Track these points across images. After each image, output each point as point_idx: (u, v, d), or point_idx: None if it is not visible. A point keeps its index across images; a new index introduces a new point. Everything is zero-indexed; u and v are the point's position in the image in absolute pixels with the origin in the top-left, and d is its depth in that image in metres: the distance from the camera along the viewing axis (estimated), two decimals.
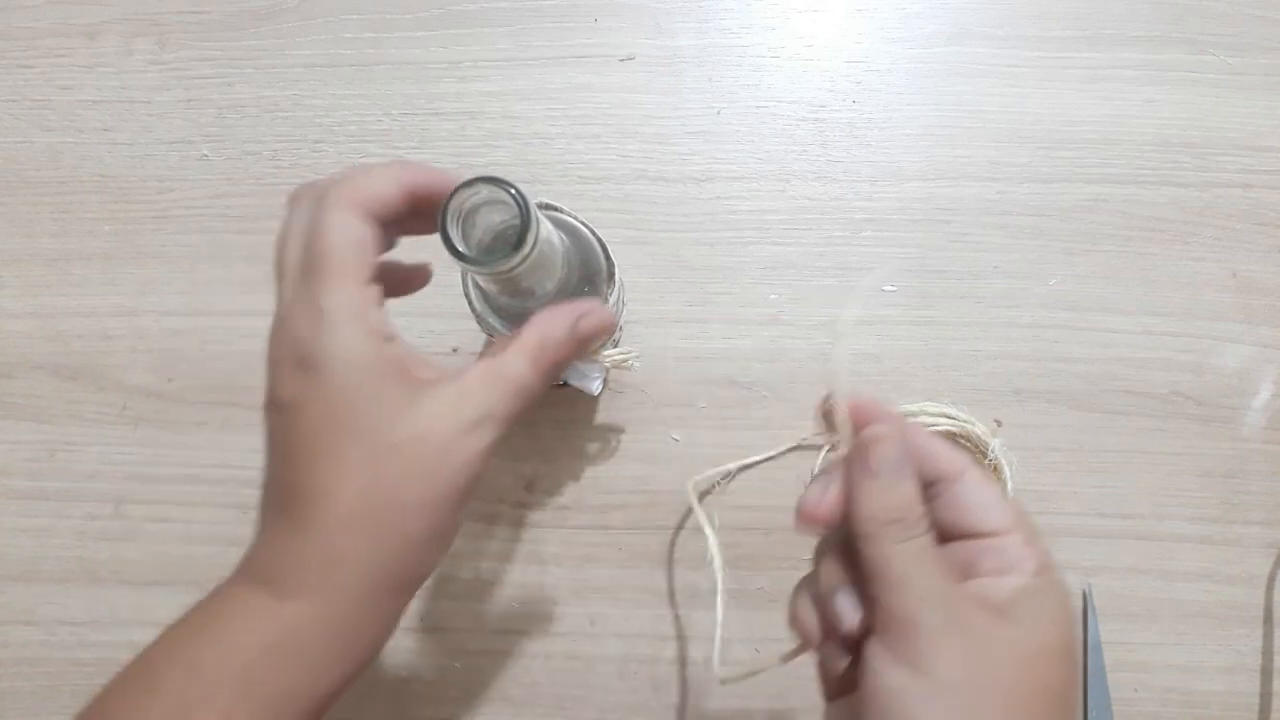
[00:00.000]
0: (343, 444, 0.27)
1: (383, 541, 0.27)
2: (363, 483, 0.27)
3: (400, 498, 0.27)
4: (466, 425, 0.27)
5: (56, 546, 0.47)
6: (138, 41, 0.50)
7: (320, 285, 0.27)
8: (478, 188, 0.28)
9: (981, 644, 0.26)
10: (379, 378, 0.27)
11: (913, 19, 0.49)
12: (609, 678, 0.46)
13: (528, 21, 0.49)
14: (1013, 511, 0.28)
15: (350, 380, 0.27)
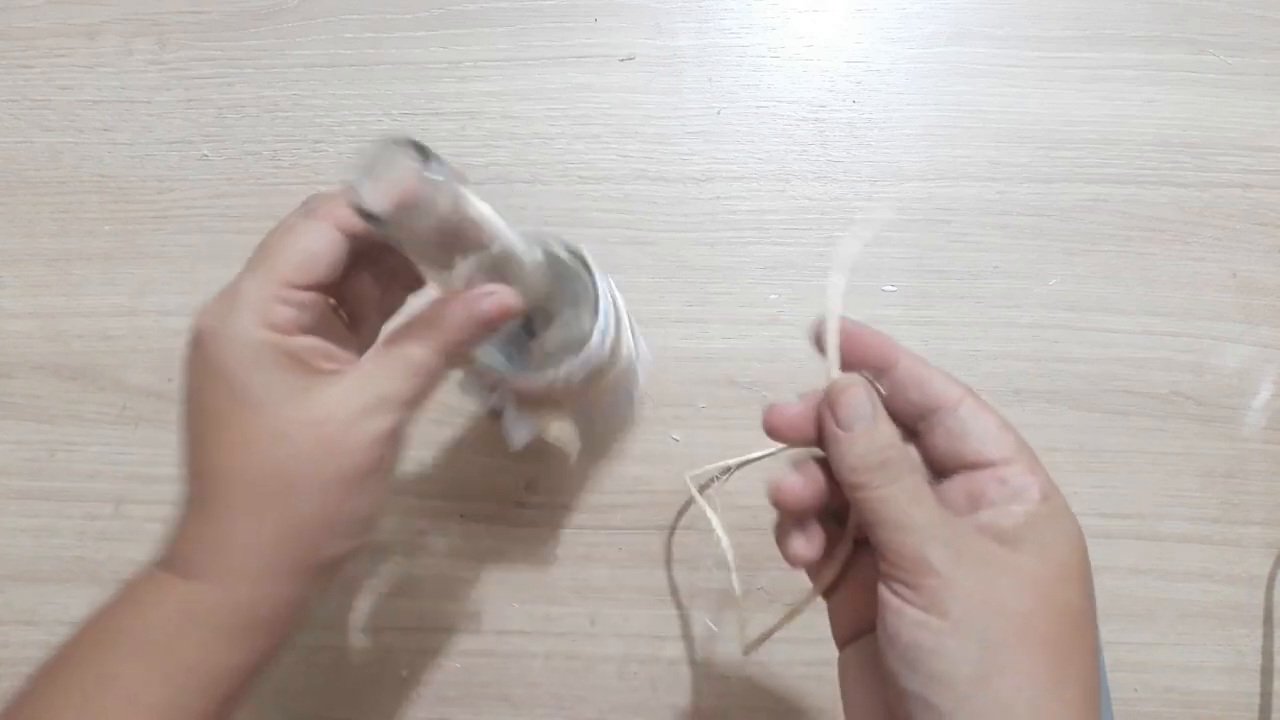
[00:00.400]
0: (234, 426, 0.27)
1: (275, 523, 0.27)
2: (254, 465, 0.27)
3: (292, 480, 0.27)
4: (362, 408, 0.28)
5: (56, 546, 0.47)
6: (138, 41, 0.50)
7: (245, 275, 0.29)
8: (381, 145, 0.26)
9: (993, 575, 0.25)
10: (270, 365, 0.28)
11: (913, 19, 0.49)
12: (609, 678, 0.46)
13: (528, 21, 0.49)
14: (1013, 439, 0.28)
15: (238, 363, 0.27)
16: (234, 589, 0.27)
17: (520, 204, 0.48)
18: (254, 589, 0.28)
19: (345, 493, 0.28)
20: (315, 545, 0.28)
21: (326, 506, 0.28)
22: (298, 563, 0.28)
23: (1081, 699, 0.25)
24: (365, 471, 0.28)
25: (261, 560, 0.28)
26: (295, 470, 0.28)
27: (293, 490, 0.28)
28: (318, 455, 0.28)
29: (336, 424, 0.28)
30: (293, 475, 0.28)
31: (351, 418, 0.28)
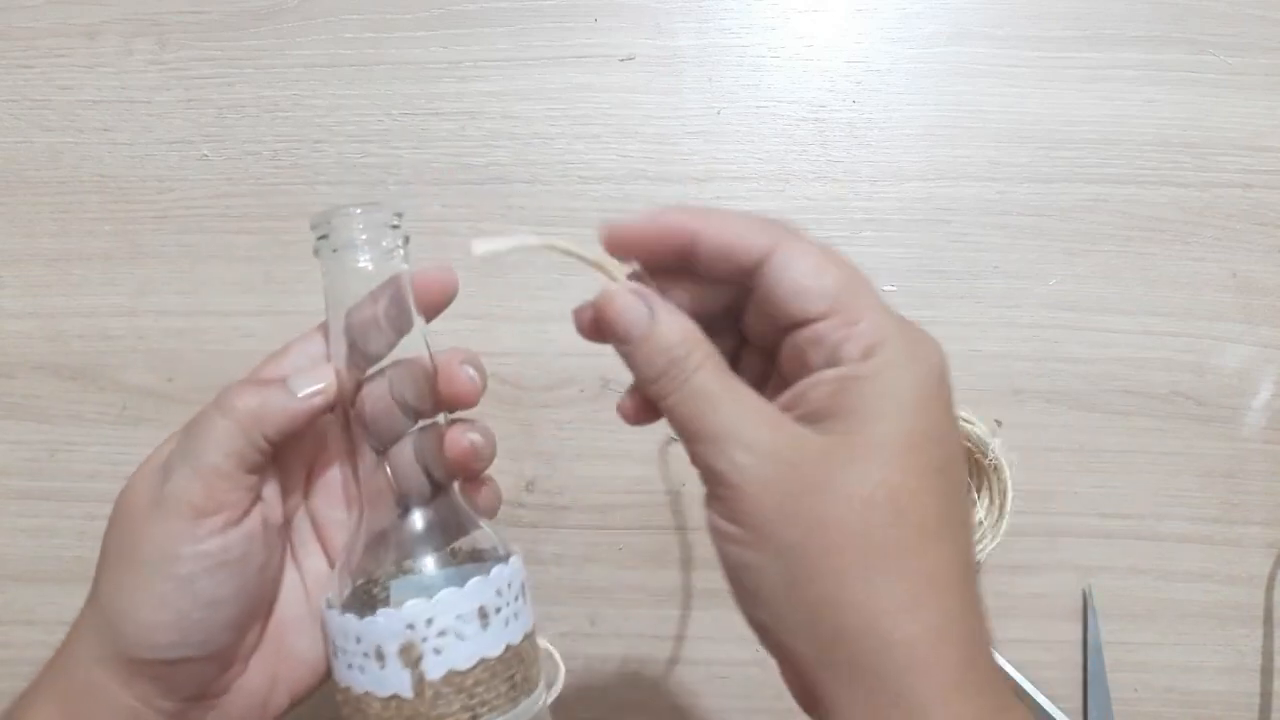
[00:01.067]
0: None
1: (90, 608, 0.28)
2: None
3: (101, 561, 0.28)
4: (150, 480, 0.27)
5: (56, 546, 0.47)
6: (138, 41, 0.50)
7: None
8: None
9: (796, 473, 0.22)
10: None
11: (913, 19, 0.49)
12: (609, 678, 0.46)
13: (528, 21, 0.49)
14: (832, 282, 0.23)
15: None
16: (72, 672, 0.27)
17: (520, 204, 0.48)
18: (84, 673, 0.27)
19: (123, 573, 0.27)
20: (108, 630, 0.27)
21: (109, 588, 0.27)
22: (105, 653, 0.27)
23: (910, 595, 0.21)
24: (140, 550, 0.26)
25: (82, 644, 0.27)
26: (106, 540, 0.28)
27: (100, 563, 0.28)
28: (116, 523, 0.28)
29: (129, 490, 0.27)
30: (105, 547, 0.28)
31: (138, 484, 0.27)
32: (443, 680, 0.27)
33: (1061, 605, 0.46)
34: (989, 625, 0.23)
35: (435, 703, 0.27)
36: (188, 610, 0.26)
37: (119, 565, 0.27)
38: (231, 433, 0.27)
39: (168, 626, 0.26)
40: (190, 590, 0.26)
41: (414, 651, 0.26)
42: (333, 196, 0.48)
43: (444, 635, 0.27)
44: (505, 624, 0.28)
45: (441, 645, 0.27)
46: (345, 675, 0.28)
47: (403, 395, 0.29)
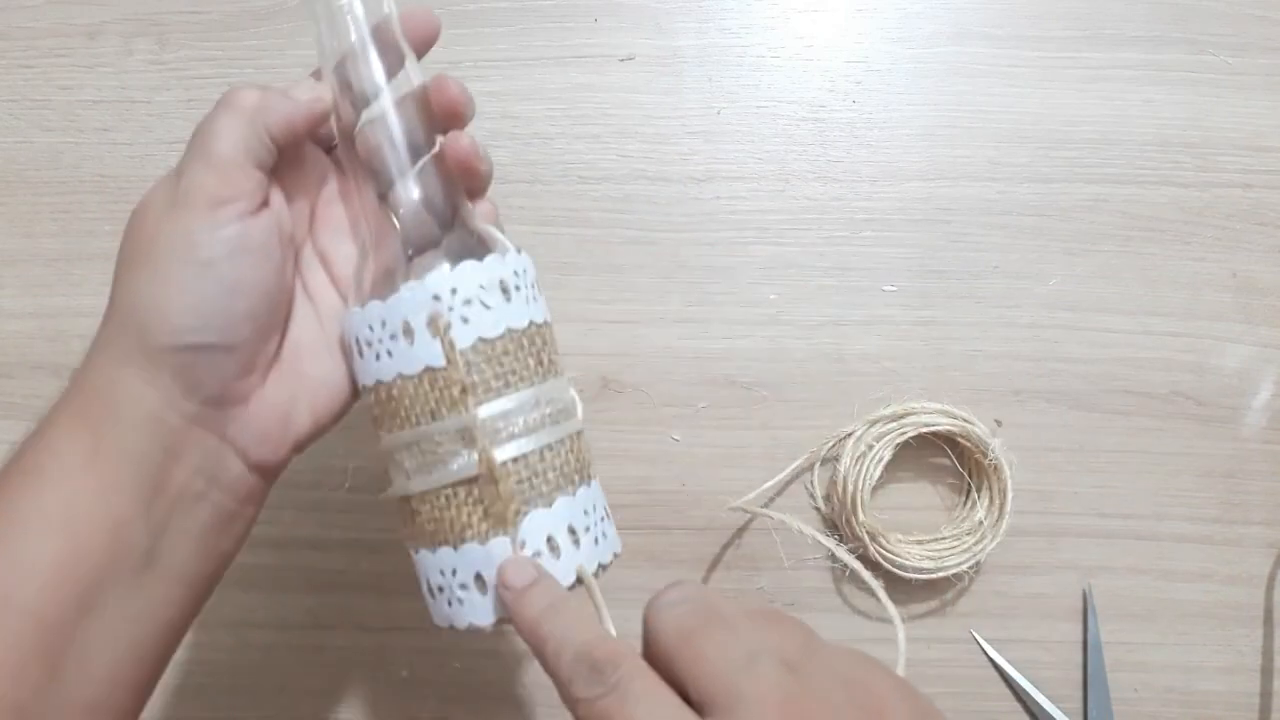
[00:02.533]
0: None
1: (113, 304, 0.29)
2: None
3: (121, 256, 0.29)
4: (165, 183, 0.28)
5: None
6: (138, 41, 0.50)
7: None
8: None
9: None
10: None
11: (913, 19, 0.49)
12: None
13: (528, 21, 0.49)
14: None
15: None
16: (95, 372, 0.28)
17: (520, 204, 0.48)
18: (105, 371, 0.28)
19: (146, 267, 0.28)
20: (134, 325, 0.28)
21: (133, 284, 0.28)
22: (128, 347, 0.28)
23: None
24: (160, 243, 0.27)
25: (104, 344, 0.28)
26: (122, 248, 0.29)
27: (117, 269, 0.29)
28: (131, 229, 0.28)
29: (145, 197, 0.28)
30: (121, 255, 0.29)
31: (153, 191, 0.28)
32: (472, 348, 0.27)
33: (1061, 605, 0.46)
34: None
35: (468, 370, 0.27)
36: (209, 294, 0.27)
37: (136, 263, 0.28)
38: (237, 124, 0.28)
39: (189, 309, 0.27)
40: (211, 274, 0.27)
41: (441, 320, 0.27)
42: None
43: (469, 304, 0.27)
44: (526, 302, 0.29)
45: (468, 314, 0.27)
46: (374, 369, 0.28)
47: (401, 126, 0.30)
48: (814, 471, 0.46)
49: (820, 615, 0.45)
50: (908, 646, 0.47)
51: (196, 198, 0.27)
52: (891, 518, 0.46)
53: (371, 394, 0.29)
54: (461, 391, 0.27)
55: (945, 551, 0.44)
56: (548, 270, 0.48)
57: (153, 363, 0.27)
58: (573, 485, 0.28)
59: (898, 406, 0.45)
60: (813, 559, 0.46)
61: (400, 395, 0.27)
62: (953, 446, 0.46)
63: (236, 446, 0.30)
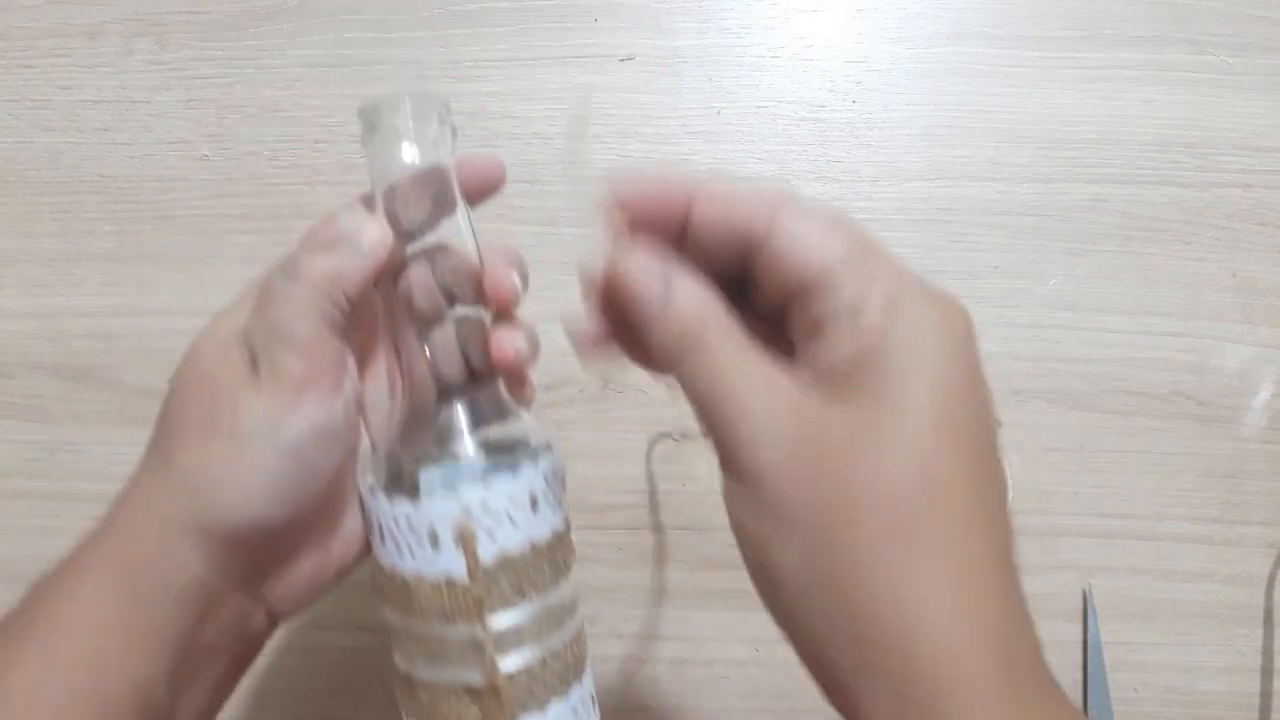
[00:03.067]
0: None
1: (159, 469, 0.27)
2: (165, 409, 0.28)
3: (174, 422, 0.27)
4: (238, 353, 0.27)
5: (56, 546, 0.46)
6: (138, 41, 0.50)
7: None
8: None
9: (820, 446, 0.20)
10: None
11: (913, 19, 0.49)
12: (609, 678, 0.46)
13: (528, 21, 0.49)
14: (842, 242, 0.22)
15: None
16: (138, 539, 0.27)
17: (520, 204, 0.48)
18: (153, 542, 0.26)
19: (215, 443, 0.26)
20: (190, 499, 0.26)
21: (195, 457, 0.26)
22: (186, 520, 0.26)
23: (945, 586, 0.20)
24: (239, 422, 0.26)
25: (154, 510, 0.27)
26: (178, 410, 0.27)
27: (173, 433, 0.27)
28: (195, 396, 0.27)
29: (210, 363, 0.27)
30: (176, 417, 0.27)
31: (218, 352, 0.27)
32: (495, 563, 0.27)
33: (1061, 605, 0.46)
34: (1031, 616, 0.21)
35: (487, 585, 0.27)
36: (288, 479, 0.26)
37: (210, 436, 0.26)
38: (315, 299, 0.26)
39: (266, 494, 0.26)
40: (294, 459, 0.26)
41: (469, 534, 0.27)
42: (333, 196, 0.48)
43: (498, 520, 0.27)
44: (552, 510, 0.29)
45: (495, 530, 0.27)
46: (393, 559, 0.28)
47: (444, 279, 0.29)
48: None
49: None
50: None
51: (283, 382, 0.26)
52: None
53: (385, 576, 0.29)
54: (478, 605, 0.27)
55: None
56: (548, 270, 0.48)
57: (211, 538, 0.26)
58: (567, 685, 0.29)
59: None
60: None
61: (416, 591, 0.27)
62: None
63: (266, 603, 0.29)
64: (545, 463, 0.29)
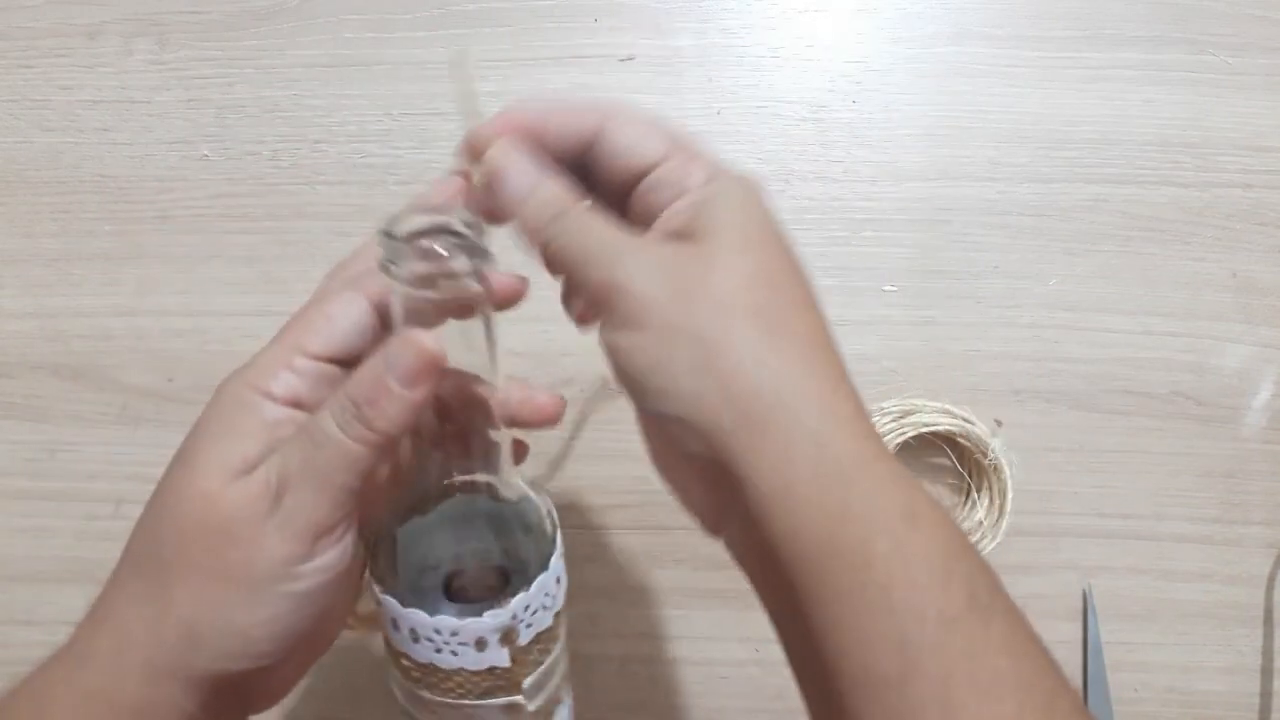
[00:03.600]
0: (162, 485, 0.26)
1: (151, 614, 0.25)
2: (148, 534, 0.26)
3: (171, 560, 0.25)
4: (260, 492, 0.24)
5: (56, 546, 0.47)
6: (138, 41, 0.50)
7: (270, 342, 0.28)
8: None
9: (679, 272, 0.25)
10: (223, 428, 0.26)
11: (913, 19, 0.49)
12: (609, 678, 0.46)
13: (528, 21, 0.49)
14: (666, 135, 0.27)
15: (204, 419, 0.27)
16: (119, 684, 0.25)
17: None
18: (138, 688, 0.25)
19: (222, 588, 0.24)
20: (185, 647, 0.25)
21: (197, 602, 0.24)
22: (178, 667, 0.25)
23: (811, 343, 0.25)
24: (254, 568, 0.24)
25: (140, 655, 0.25)
26: (176, 546, 0.25)
27: (171, 570, 0.25)
28: (200, 533, 0.24)
29: (220, 500, 0.24)
30: (173, 553, 0.25)
31: (239, 496, 0.24)
32: (529, 642, 0.29)
33: (1061, 605, 0.46)
34: None
35: (525, 662, 0.29)
36: (298, 622, 0.25)
37: (218, 580, 0.25)
38: (361, 453, 0.25)
39: (274, 637, 0.25)
40: (308, 604, 0.25)
41: (514, 634, 0.28)
42: (333, 196, 0.48)
43: (535, 612, 0.28)
44: (565, 577, 0.30)
45: (533, 620, 0.28)
46: (432, 657, 0.28)
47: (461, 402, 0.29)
48: None
49: None
50: None
51: (305, 527, 0.25)
52: None
53: (415, 665, 0.28)
54: (517, 680, 0.28)
55: None
56: None
57: (205, 684, 0.25)
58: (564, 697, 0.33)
59: (900, 402, 0.45)
60: None
61: (455, 679, 0.28)
62: (953, 446, 0.46)
63: (245, 710, 0.28)
64: (560, 539, 0.30)
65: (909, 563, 0.23)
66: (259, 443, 0.25)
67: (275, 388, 0.26)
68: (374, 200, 0.48)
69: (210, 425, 0.26)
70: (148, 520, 0.26)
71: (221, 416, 0.26)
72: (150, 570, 0.25)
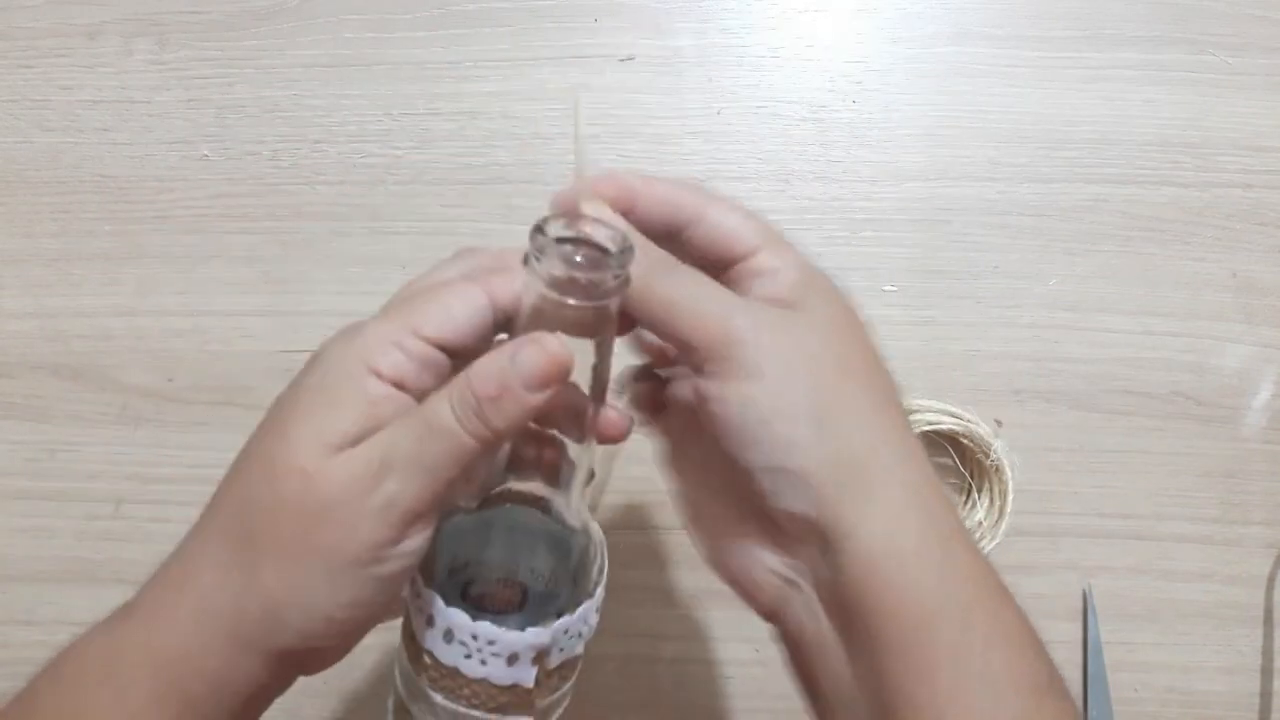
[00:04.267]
0: (252, 449, 0.26)
1: (231, 583, 0.25)
2: (236, 500, 0.26)
3: (256, 532, 0.25)
4: (362, 473, 0.24)
5: (56, 546, 0.47)
6: (138, 41, 0.50)
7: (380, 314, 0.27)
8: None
9: (792, 329, 0.26)
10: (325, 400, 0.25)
11: (913, 19, 0.49)
12: (609, 677, 0.46)
13: (528, 21, 0.49)
14: (761, 226, 0.29)
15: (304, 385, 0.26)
16: (200, 653, 0.25)
17: (520, 204, 0.48)
18: (219, 659, 0.25)
19: (310, 570, 0.24)
20: (270, 623, 0.25)
21: (284, 581, 0.24)
22: (259, 641, 0.25)
23: (900, 414, 0.28)
24: (344, 551, 0.24)
25: (224, 626, 0.25)
26: (268, 521, 0.25)
27: (259, 544, 0.25)
28: (295, 511, 0.24)
29: (318, 478, 0.24)
30: (264, 526, 0.25)
31: (347, 481, 0.24)
32: (555, 668, 0.29)
33: (1061, 605, 0.46)
34: None
35: (546, 685, 0.29)
36: (379, 604, 0.26)
37: (307, 558, 0.24)
38: (475, 448, 0.25)
39: (354, 621, 0.26)
40: (391, 587, 0.26)
41: (546, 656, 0.28)
42: (333, 196, 0.48)
43: (571, 639, 0.29)
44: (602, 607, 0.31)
45: (566, 645, 0.29)
46: (459, 661, 0.28)
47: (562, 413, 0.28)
48: None
49: None
50: None
51: (402, 516, 0.24)
52: None
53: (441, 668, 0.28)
54: (533, 702, 0.29)
55: None
56: None
57: (284, 657, 0.25)
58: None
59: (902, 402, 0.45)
60: None
61: (475, 688, 0.28)
62: (955, 446, 0.46)
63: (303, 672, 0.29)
64: (607, 571, 0.30)
65: (1007, 632, 0.25)
66: (360, 419, 0.25)
67: (383, 365, 0.25)
68: (374, 200, 0.48)
69: (311, 393, 0.25)
70: (237, 486, 0.26)
71: (325, 386, 0.25)
72: (238, 540, 0.25)
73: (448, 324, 0.26)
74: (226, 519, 0.26)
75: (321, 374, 0.26)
